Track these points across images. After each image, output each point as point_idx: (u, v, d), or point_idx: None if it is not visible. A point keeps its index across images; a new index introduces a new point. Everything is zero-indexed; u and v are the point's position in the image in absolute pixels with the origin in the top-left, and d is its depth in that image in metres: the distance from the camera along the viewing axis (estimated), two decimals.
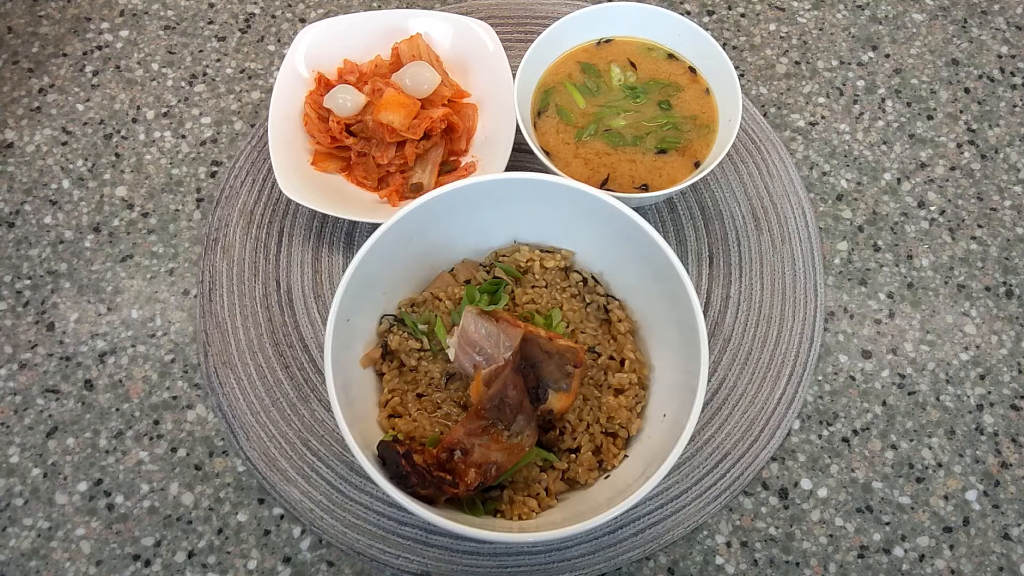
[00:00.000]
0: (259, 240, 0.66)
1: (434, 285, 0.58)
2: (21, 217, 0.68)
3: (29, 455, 0.60)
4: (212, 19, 0.78)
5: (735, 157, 0.69)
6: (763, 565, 0.57)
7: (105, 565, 0.57)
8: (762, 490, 0.59)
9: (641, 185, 0.60)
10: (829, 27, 0.77)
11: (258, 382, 0.61)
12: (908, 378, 0.62)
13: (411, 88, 0.64)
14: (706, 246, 0.66)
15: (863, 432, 0.61)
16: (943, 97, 0.74)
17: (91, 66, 0.75)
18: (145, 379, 0.62)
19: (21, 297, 0.65)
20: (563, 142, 0.62)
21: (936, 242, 0.67)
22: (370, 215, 0.61)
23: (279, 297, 0.64)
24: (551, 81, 0.65)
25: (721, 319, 0.63)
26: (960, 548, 0.57)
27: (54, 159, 0.71)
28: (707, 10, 0.78)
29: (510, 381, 0.48)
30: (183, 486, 0.59)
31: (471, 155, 0.66)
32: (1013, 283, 0.66)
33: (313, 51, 0.67)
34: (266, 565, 0.56)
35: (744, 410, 0.60)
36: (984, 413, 0.61)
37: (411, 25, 0.69)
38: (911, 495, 0.59)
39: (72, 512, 0.58)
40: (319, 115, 0.66)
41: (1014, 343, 0.64)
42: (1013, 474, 0.59)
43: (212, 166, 0.70)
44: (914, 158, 0.71)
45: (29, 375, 0.62)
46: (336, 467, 0.58)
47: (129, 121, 0.73)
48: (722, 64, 0.61)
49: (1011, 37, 0.77)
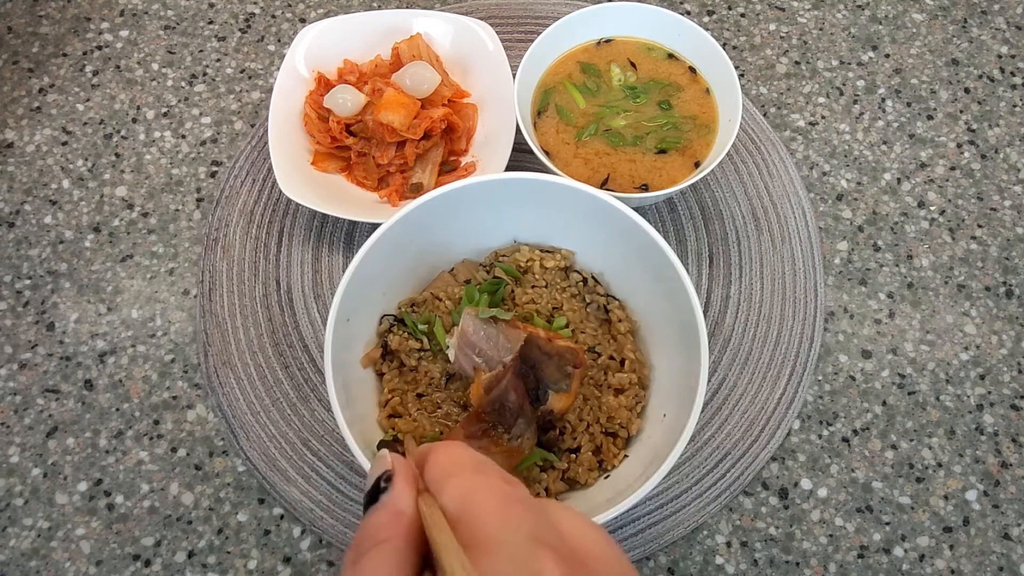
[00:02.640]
0: (259, 240, 0.66)
1: (434, 285, 0.58)
2: (21, 217, 0.68)
3: (29, 455, 0.60)
4: (212, 19, 0.78)
5: (735, 157, 0.69)
6: (763, 565, 0.57)
7: (105, 565, 0.57)
8: (762, 490, 0.59)
9: (641, 185, 0.60)
10: (829, 27, 0.77)
11: (258, 382, 0.61)
12: (908, 378, 0.62)
13: (411, 88, 0.64)
14: (706, 246, 0.66)
15: (863, 432, 0.61)
16: (943, 97, 0.74)
17: (91, 66, 0.75)
18: (145, 379, 0.62)
19: (21, 297, 0.65)
20: (563, 142, 0.62)
21: (936, 242, 0.67)
22: (370, 215, 0.61)
23: (279, 297, 0.64)
24: (551, 81, 0.65)
25: (721, 319, 0.63)
26: (960, 548, 0.57)
27: (54, 159, 0.71)
28: (707, 10, 0.78)
29: (510, 385, 0.48)
30: (183, 486, 0.59)
31: (471, 155, 0.66)
32: (1013, 283, 0.66)
33: (313, 51, 0.67)
34: (266, 565, 0.56)
35: (744, 410, 0.60)
36: (984, 413, 0.61)
37: (411, 25, 0.69)
38: (911, 495, 0.59)
39: (72, 512, 0.58)
40: (319, 115, 0.66)
41: (1014, 343, 0.64)
42: (1013, 474, 0.59)
43: (212, 166, 0.70)
44: (914, 158, 0.71)
45: (29, 375, 0.62)
46: (336, 467, 0.58)
47: (129, 121, 0.73)
48: (722, 64, 0.61)
49: (1011, 37, 0.77)
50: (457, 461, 0.29)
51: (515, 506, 0.26)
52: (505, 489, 0.27)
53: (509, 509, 0.26)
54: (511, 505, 0.26)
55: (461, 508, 0.26)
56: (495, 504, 0.26)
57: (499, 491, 0.27)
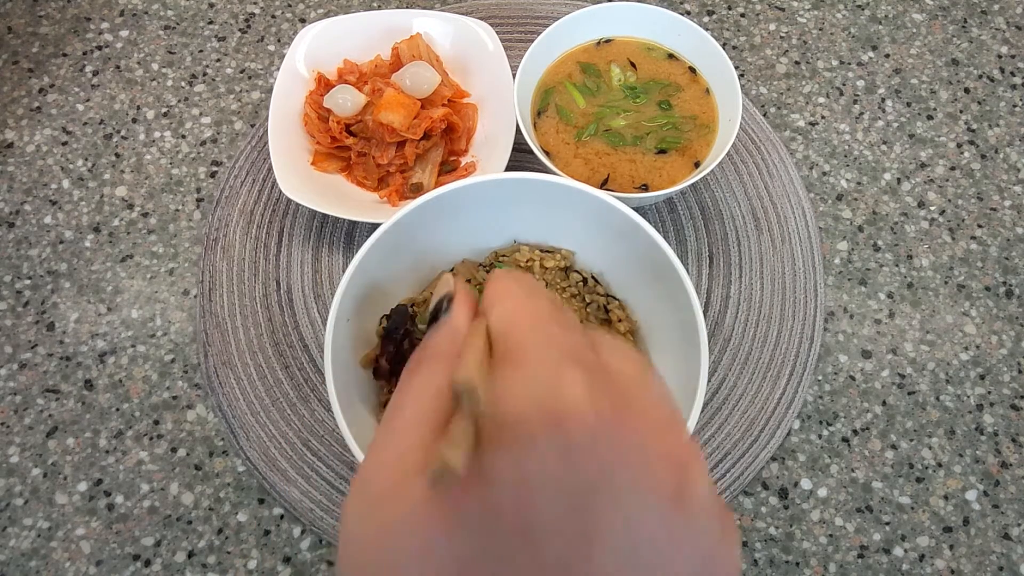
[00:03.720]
0: (259, 240, 0.66)
1: (434, 285, 0.58)
2: (21, 217, 0.68)
3: (29, 455, 0.60)
4: (212, 19, 0.78)
5: (735, 157, 0.69)
6: (763, 565, 0.57)
7: (105, 565, 0.57)
8: (762, 490, 0.59)
9: (641, 185, 0.60)
10: (829, 27, 0.77)
11: (258, 382, 0.61)
12: (908, 378, 0.62)
13: (411, 88, 0.64)
14: (706, 246, 0.66)
15: (863, 432, 0.61)
16: (943, 97, 0.74)
17: (91, 66, 0.75)
18: (145, 379, 0.62)
19: (21, 297, 0.65)
20: (563, 142, 0.62)
21: (936, 242, 0.67)
22: (370, 215, 0.61)
23: (279, 297, 0.64)
24: (551, 81, 0.65)
25: (721, 319, 0.63)
26: (960, 548, 0.57)
27: (54, 159, 0.71)
28: (707, 10, 0.78)
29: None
30: (183, 486, 0.59)
31: (471, 155, 0.66)
32: (1013, 283, 0.66)
33: (313, 51, 0.67)
34: (266, 565, 0.56)
35: (744, 410, 0.60)
36: (984, 413, 0.61)
37: (411, 25, 0.69)
38: (911, 495, 0.59)
39: (72, 512, 0.58)
40: (319, 115, 0.66)
41: (1014, 343, 0.64)
42: (1013, 474, 0.59)
43: (212, 166, 0.70)
44: (914, 158, 0.71)
45: (29, 375, 0.62)
46: (336, 467, 0.58)
47: (129, 121, 0.73)
48: (722, 64, 0.61)
49: (1011, 37, 0.77)
50: (509, 287, 0.29)
51: (552, 326, 0.27)
52: (548, 310, 0.28)
53: (547, 327, 0.27)
54: (549, 324, 0.27)
55: (502, 327, 0.27)
56: (533, 322, 0.27)
57: (542, 312, 0.28)
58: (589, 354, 0.26)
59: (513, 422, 0.23)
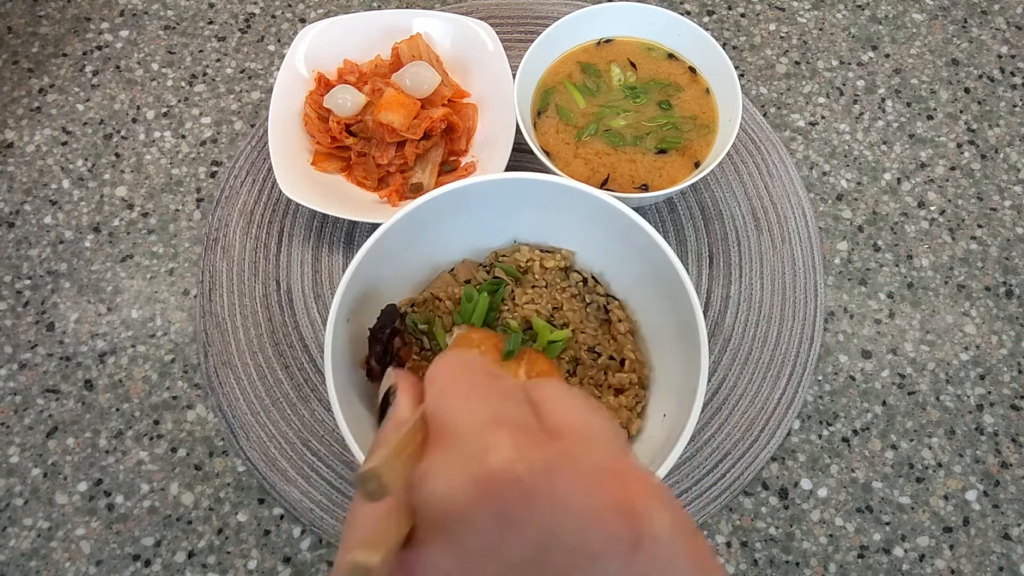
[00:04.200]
0: (259, 240, 0.66)
1: (434, 285, 0.58)
2: (21, 217, 0.68)
3: (29, 455, 0.60)
4: (212, 19, 0.78)
5: (735, 157, 0.69)
6: (763, 565, 0.57)
7: (105, 565, 0.57)
8: (762, 490, 0.59)
9: (641, 185, 0.60)
10: (829, 27, 0.77)
11: (258, 382, 0.61)
12: (908, 378, 0.62)
13: (411, 88, 0.64)
14: (706, 246, 0.66)
15: (863, 432, 0.61)
16: (943, 97, 0.74)
17: (91, 66, 0.75)
18: (145, 379, 0.62)
19: (21, 297, 0.65)
20: (563, 142, 0.62)
21: (936, 242, 0.67)
22: (370, 215, 0.61)
23: (279, 297, 0.64)
24: (551, 81, 0.65)
25: (721, 319, 0.63)
26: (960, 548, 0.57)
27: (54, 159, 0.71)
28: (707, 10, 0.78)
29: None
30: (183, 486, 0.59)
31: (471, 155, 0.66)
32: (1013, 283, 0.66)
33: (313, 51, 0.67)
34: (266, 565, 0.56)
35: (744, 410, 0.60)
36: (984, 413, 0.61)
37: (411, 25, 0.69)
38: (911, 495, 0.59)
39: (72, 512, 0.58)
40: (319, 115, 0.66)
41: (1014, 343, 0.64)
42: (1013, 474, 0.59)
43: (212, 166, 0.70)
44: (914, 158, 0.71)
45: (29, 375, 0.62)
46: (336, 467, 0.58)
47: (129, 121, 0.73)
48: (722, 64, 0.61)
49: (1011, 37, 0.77)
50: (443, 366, 0.28)
51: (478, 393, 0.26)
52: (478, 381, 0.27)
53: (472, 398, 0.26)
54: (474, 393, 0.26)
55: (432, 409, 0.26)
56: (462, 396, 0.26)
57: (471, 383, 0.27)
58: (520, 412, 0.25)
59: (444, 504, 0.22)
